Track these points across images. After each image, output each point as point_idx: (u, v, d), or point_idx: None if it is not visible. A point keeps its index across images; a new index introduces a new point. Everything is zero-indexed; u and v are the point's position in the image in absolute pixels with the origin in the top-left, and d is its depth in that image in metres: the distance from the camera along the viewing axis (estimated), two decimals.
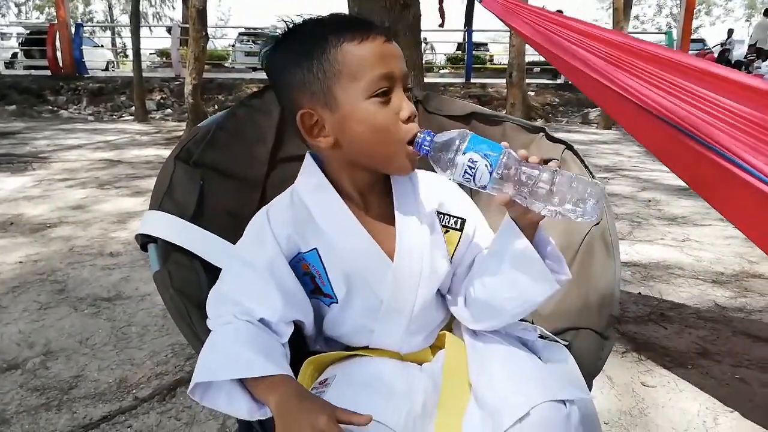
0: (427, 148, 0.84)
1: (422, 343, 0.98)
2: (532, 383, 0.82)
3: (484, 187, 0.81)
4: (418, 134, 0.85)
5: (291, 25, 0.91)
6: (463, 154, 0.80)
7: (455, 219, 0.99)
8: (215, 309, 0.90)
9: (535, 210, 0.81)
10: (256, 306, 0.87)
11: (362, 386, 0.85)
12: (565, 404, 0.79)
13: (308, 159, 0.97)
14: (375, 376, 0.88)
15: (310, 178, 0.95)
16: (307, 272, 0.94)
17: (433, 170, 0.86)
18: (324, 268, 0.93)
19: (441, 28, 3.19)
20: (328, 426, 0.71)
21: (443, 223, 0.98)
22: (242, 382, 0.81)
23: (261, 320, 0.88)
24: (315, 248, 0.93)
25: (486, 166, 0.79)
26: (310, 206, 0.93)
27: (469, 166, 0.80)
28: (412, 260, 0.92)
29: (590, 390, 0.93)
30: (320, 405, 0.75)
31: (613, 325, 1.03)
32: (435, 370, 0.94)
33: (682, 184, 5.25)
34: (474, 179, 0.80)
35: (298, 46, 0.88)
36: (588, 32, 1.94)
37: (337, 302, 0.94)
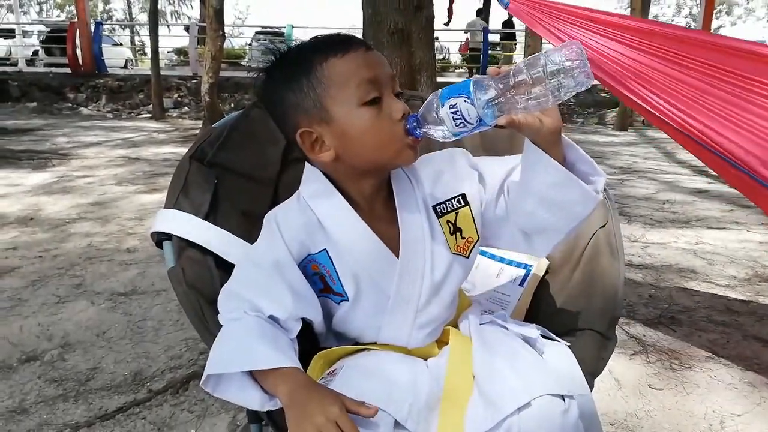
0: (418, 128, 0.87)
1: (428, 338, 1.01)
2: (533, 376, 0.85)
3: (482, 121, 0.80)
4: (406, 123, 0.89)
5: (277, 55, 0.96)
6: (442, 107, 0.81)
7: (455, 199, 1.01)
8: (226, 305, 0.93)
9: (541, 108, 0.78)
10: (265, 304, 0.90)
11: (368, 376, 0.88)
12: (564, 399, 0.81)
13: (309, 167, 1.00)
14: (381, 367, 0.91)
15: (313, 184, 0.98)
16: (317, 272, 0.97)
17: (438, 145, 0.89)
18: (335, 268, 0.96)
19: (446, 27, 3.24)
20: (339, 416, 0.74)
21: (447, 210, 1.01)
22: (252, 375, 0.84)
23: (270, 317, 0.91)
24: (325, 249, 0.96)
25: (465, 101, 0.79)
26: (317, 211, 0.96)
27: (452, 113, 0.80)
28: (416, 255, 0.96)
29: (591, 389, 0.94)
30: (331, 395, 0.78)
31: (615, 325, 1.05)
32: (440, 364, 0.96)
33: (699, 186, 5.21)
34: (465, 120, 0.80)
35: (286, 72, 0.93)
36: (617, 23, 1.95)
37: (348, 300, 0.97)
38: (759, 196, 1.59)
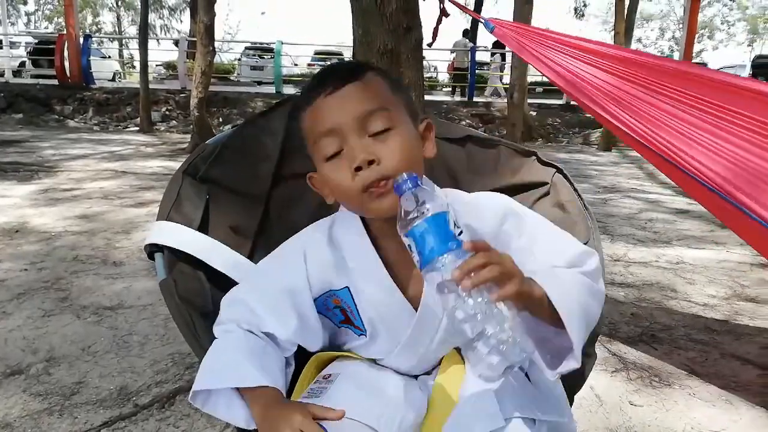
0: (408, 189, 0.79)
1: (427, 367, 1.02)
2: (511, 399, 0.85)
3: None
4: (399, 178, 0.80)
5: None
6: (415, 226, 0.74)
7: None
8: (228, 309, 0.94)
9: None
10: (269, 319, 0.91)
11: (362, 388, 0.90)
12: (534, 423, 0.83)
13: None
14: (376, 382, 0.93)
15: (346, 221, 0.97)
16: (338, 306, 0.98)
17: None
18: (355, 306, 0.96)
19: (428, 48, 3.30)
20: (303, 423, 0.76)
21: None
22: (240, 392, 0.85)
23: (267, 334, 0.92)
24: (347, 287, 0.96)
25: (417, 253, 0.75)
26: (344, 248, 0.95)
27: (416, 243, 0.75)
28: (434, 313, 0.94)
29: (571, 404, 0.97)
30: (296, 406, 0.80)
31: (595, 342, 1.08)
32: (430, 384, 0.98)
33: (680, 206, 5.28)
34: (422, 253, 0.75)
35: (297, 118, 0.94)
36: (597, 50, 2.02)
37: (366, 336, 0.98)
38: (727, 215, 1.65)
